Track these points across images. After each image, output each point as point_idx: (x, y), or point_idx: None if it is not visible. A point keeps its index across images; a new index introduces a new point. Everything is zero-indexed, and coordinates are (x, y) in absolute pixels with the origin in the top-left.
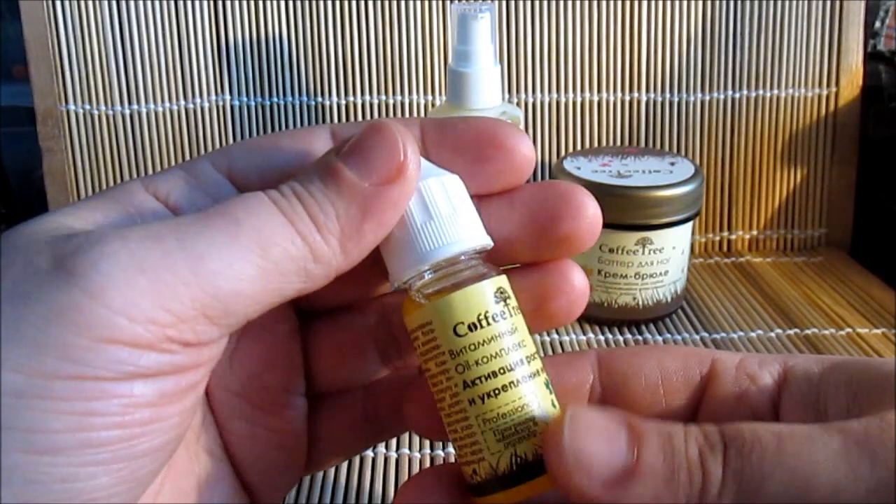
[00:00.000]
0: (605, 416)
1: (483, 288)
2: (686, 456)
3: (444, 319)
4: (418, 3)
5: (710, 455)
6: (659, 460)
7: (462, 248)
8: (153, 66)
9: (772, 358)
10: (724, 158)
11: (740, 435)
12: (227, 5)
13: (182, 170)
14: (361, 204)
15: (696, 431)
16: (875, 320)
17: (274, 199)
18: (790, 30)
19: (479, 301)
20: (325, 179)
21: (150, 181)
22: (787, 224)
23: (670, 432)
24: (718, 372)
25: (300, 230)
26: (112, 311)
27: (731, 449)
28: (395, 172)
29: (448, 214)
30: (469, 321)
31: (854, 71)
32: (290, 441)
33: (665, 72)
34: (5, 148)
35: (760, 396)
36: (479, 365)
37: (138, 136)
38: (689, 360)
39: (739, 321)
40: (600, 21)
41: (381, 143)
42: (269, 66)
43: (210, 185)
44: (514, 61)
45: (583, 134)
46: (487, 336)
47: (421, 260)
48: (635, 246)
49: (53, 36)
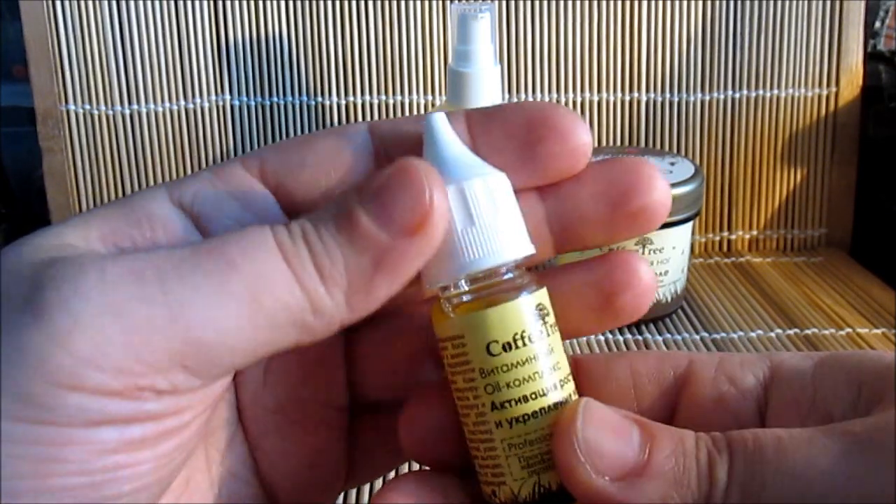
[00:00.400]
0: (618, 412)
1: (522, 304)
2: (696, 459)
3: (478, 336)
4: (418, 3)
5: (717, 459)
6: (671, 462)
7: (503, 259)
8: (153, 66)
9: (756, 358)
10: (724, 158)
11: (744, 441)
12: (227, 5)
13: (210, 173)
14: (375, 256)
15: (705, 436)
16: (875, 320)
17: (279, 239)
18: (790, 30)
19: (517, 318)
20: (339, 224)
21: (177, 187)
22: (787, 224)
23: (682, 435)
24: (695, 373)
25: (301, 279)
26: (77, 359)
27: (736, 453)
28: (416, 224)
29: (490, 221)
30: (504, 340)
31: (854, 71)
32: (328, 461)
33: (665, 72)
34: (5, 148)
35: (742, 399)
36: (510, 388)
37: (138, 136)
38: (662, 363)
39: (739, 321)
40: (600, 21)
41: (405, 189)
42: (269, 66)
43: (239, 188)
44: (514, 61)
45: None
46: (523, 357)
47: (460, 269)
48: (635, 246)
49: (53, 36)
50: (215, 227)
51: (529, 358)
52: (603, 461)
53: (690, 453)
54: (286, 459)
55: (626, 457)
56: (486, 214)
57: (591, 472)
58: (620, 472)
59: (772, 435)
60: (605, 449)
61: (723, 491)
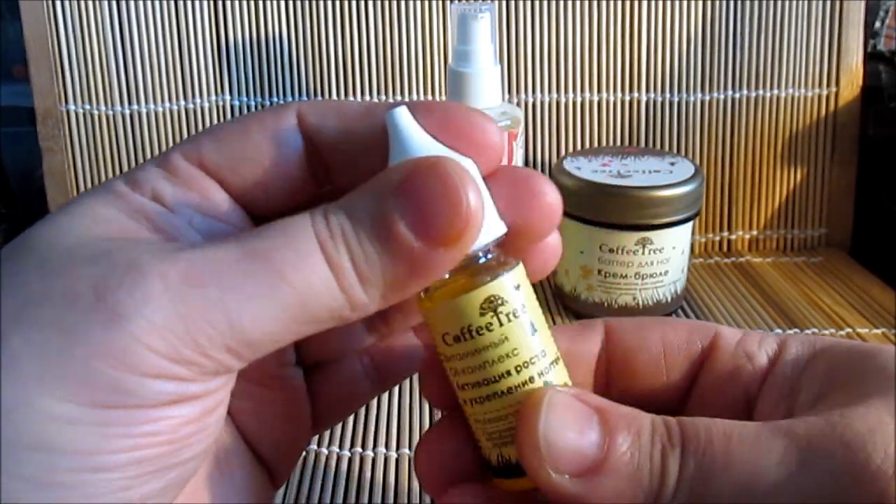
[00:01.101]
0: (580, 402)
1: (468, 300)
2: (650, 454)
3: (435, 325)
4: (418, 3)
5: (670, 453)
6: (626, 457)
7: (481, 244)
8: (153, 66)
9: (772, 337)
10: (724, 158)
11: (696, 434)
12: (227, 5)
13: (156, 167)
14: (411, 264)
15: (661, 428)
16: (875, 320)
17: (322, 240)
18: (790, 30)
19: (462, 314)
20: (377, 232)
21: (131, 180)
22: (787, 224)
23: (639, 427)
24: (719, 346)
25: (342, 284)
26: (157, 354)
27: (688, 449)
28: (454, 237)
29: None
30: (454, 333)
31: (854, 71)
32: (294, 410)
33: (665, 72)
34: (5, 148)
35: (753, 375)
36: (464, 373)
37: (138, 136)
38: (692, 334)
39: (739, 321)
40: (600, 21)
41: (443, 198)
42: (269, 66)
43: (189, 179)
44: (514, 61)
45: (583, 134)
46: (471, 349)
47: None
48: (635, 246)
49: (53, 36)
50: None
51: (479, 349)
52: (563, 460)
53: (645, 448)
54: (260, 417)
55: (586, 453)
56: None
57: (552, 471)
58: (579, 470)
59: (722, 431)
60: (567, 448)
61: (672, 487)
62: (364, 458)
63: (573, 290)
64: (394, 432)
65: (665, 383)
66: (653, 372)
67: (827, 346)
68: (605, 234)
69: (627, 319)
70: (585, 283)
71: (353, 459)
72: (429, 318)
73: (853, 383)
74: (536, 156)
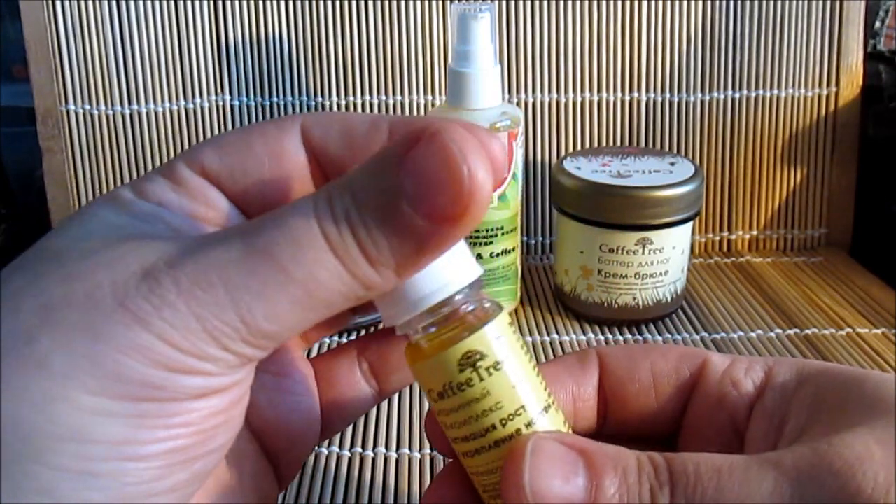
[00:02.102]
0: (564, 447)
1: (446, 357)
2: (639, 494)
3: (421, 382)
4: (418, 3)
5: (658, 493)
6: (614, 500)
7: (449, 292)
8: (153, 66)
9: (759, 364)
10: (724, 158)
11: (685, 471)
12: (227, 5)
13: (162, 176)
14: (419, 242)
15: (648, 466)
16: (875, 320)
17: (325, 230)
18: (790, 30)
19: (443, 371)
20: (383, 215)
21: (137, 189)
22: (787, 224)
23: (625, 467)
24: (706, 374)
25: (350, 269)
26: (181, 352)
27: (677, 487)
28: (460, 212)
29: None
30: (437, 389)
31: (854, 71)
32: (307, 401)
33: (665, 72)
34: (5, 148)
35: (740, 402)
36: (453, 428)
37: (138, 136)
38: (681, 362)
39: (739, 321)
40: (600, 21)
41: (447, 176)
42: (269, 66)
43: (193, 189)
44: (514, 61)
45: (583, 134)
46: (455, 404)
47: (410, 307)
48: (635, 246)
49: (53, 36)
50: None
51: (462, 405)
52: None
53: (634, 489)
54: (272, 408)
55: (573, 501)
56: None
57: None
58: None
59: (712, 466)
60: (553, 495)
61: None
62: (364, 458)
63: (573, 290)
64: (394, 432)
65: (656, 412)
66: (644, 402)
67: (814, 373)
68: (605, 234)
69: (618, 347)
70: (585, 283)
71: (352, 459)
72: (415, 375)
73: (839, 411)
74: (536, 156)
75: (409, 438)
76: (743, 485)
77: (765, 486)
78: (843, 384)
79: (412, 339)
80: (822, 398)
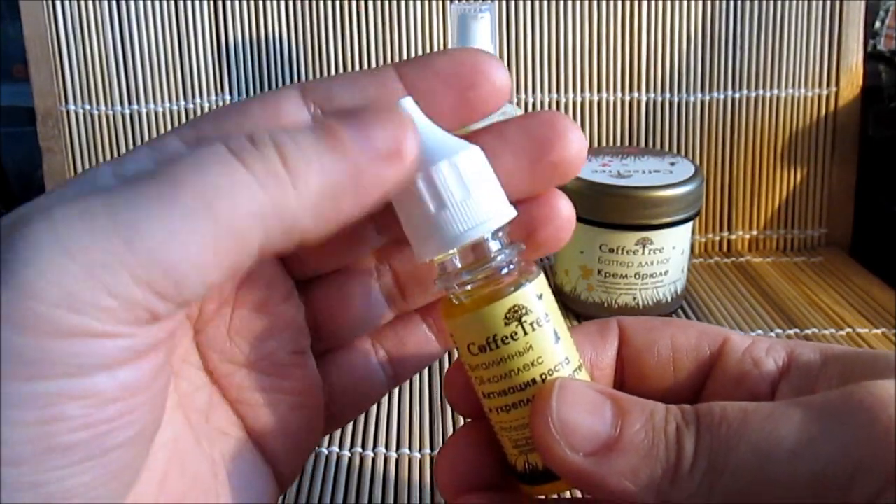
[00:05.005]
0: (592, 390)
1: (493, 310)
2: (665, 432)
3: (459, 336)
4: (418, 3)
5: (685, 431)
6: (640, 436)
7: (479, 233)
8: (153, 66)
9: (781, 344)
10: (724, 158)
11: (711, 412)
12: (227, 5)
13: (148, 147)
14: (349, 168)
15: (675, 409)
16: (875, 320)
17: (234, 147)
18: (790, 30)
19: (487, 324)
20: (317, 133)
21: (119, 164)
22: (787, 224)
23: (652, 409)
24: (727, 352)
25: (262, 180)
26: (49, 304)
27: (703, 425)
28: (393, 150)
29: (462, 199)
30: (479, 343)
31: (854, 71)
32: (309, 400)
33: (665, 72)
34: (5, 148)
35: (761, 381)
36: (490, 382)
37: (138, 136)
38: (702, 339)
39: (739, 321)
40: (600, 21)
41: (385, 118)
42: (269, 66)
43: None
44: (514, 61)
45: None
46: (496, 358)
47: (441, 246)
48: (635, 246)
49: (53, 36)
50: None
51: (504, 358)
52: (576, 438)
53: (660, 427)
54: (271, 410)
55: (599, 433)
56: (456, 195)
57: (566, 449)
58: (593, 448)
59: (738, 407)
60: (579, 426)
61: (690, 460)
62: (364, 458)
63: (573, 290)
64: (394, 432)
65: (673, 386)
66: (662, 375)
67: (839, 353)
68: (605, 234)
69: (639, 319)
70: (585, 283)
71: (353, 459)
72: (453, 329)
73: (869, 378)
74: None
75: (409, 438)
76: (769, 420)
77: (793, 420)
78: (869, 359)
79: (452, 293)
80: (850, 374)
